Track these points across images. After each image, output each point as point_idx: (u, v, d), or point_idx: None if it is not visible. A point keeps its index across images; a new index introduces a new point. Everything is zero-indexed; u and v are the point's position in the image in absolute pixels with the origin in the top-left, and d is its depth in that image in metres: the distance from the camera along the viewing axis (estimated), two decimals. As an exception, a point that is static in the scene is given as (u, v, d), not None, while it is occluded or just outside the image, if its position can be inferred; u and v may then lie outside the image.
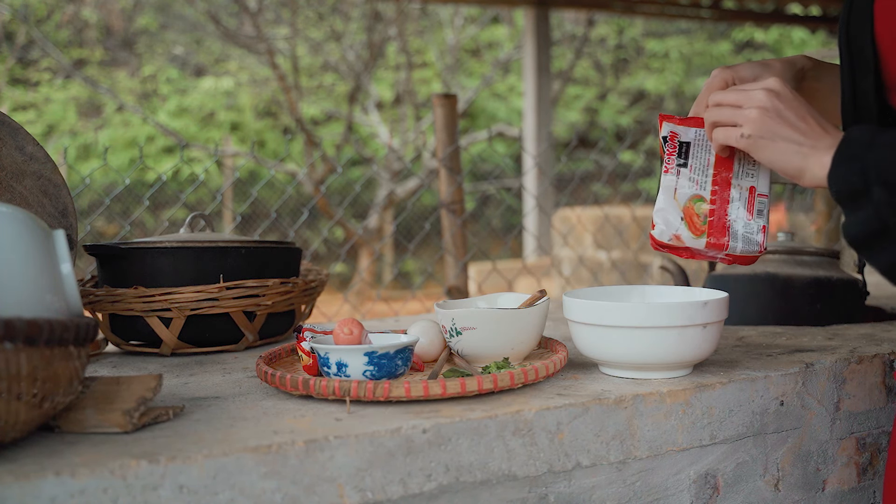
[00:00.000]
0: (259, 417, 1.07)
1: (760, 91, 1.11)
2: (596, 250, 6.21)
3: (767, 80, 1.12)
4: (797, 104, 1.11)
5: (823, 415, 1.32)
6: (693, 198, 1.23)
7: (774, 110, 1.10)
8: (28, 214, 1.01)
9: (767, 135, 1.10)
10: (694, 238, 1.22)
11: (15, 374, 0.86)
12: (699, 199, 1.23)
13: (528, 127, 8.16)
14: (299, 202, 9.21)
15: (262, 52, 8.79)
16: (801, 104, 1.11)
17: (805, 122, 1.09)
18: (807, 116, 1.10)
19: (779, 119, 1.10)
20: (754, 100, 1.11)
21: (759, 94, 1.11)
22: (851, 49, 1.14)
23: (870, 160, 1.01)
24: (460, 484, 1.06)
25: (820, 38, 11.96)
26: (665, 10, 8.54)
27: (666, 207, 1.22)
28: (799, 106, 1.11)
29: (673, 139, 1.24)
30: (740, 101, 1.13)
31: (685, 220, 1.22)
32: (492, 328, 1.24)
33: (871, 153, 1.02)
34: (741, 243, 1.22)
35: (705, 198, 1.22)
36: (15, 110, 10.02)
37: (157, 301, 1.42)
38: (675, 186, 1.23)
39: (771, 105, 1.10)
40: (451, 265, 2.77)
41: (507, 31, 11.36)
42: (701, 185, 1.22)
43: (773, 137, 1.10)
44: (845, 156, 1.04)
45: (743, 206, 1.22)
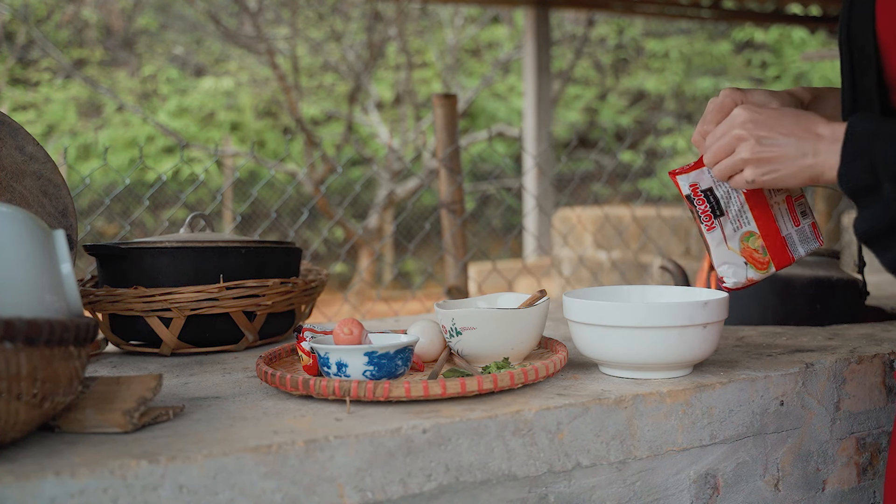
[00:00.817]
0: (259, 417, 1.07)
1: (737, 109, 1.12)
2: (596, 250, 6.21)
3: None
4: (774, 113, 1.11)
5: (823, 415, 1.32)
6: (744, 236, 1.23)
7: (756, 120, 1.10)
8: (28, 214, 1.01)
9: (764, 160, 1.10)
10: (762, 273, 1.24)
11: (15, 374, 0.86)
12: (750, 236, 1.24)
13: (528, 127, 8.16)
14: (299, 202, 9.21)
15: (262, 52, 8.79)
16: (778, 113, 1.11)
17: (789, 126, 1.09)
18: (790, 121, 1.10)
19: (766, 139, 1.10)
20: (735, 119, 1.12)
21: (737, 110, 1.12)
22: (852, 47, 1.13)
23: (878, 154, 1.01)
24: (460, 484, 1.06)
25: (820, 38, 11.95)
26: (665, 10, 8.54)
27: (728, 260, 1.24)
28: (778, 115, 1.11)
29: (696, 193, 1.23)
30: (724, 128, 1.14)
31: (749, 262, 1.23)
32: (492, 328, 1.24)
33: (878, 146, 1.02)
34: (801, 247, 1.25)
35: (754, 231, 1.23)
36: (15, 110, 10.02)
37: (157, 301, 1.42)
38: (724, 237, 1.24)
39: (750, 116, 1.11)
40: (451, 265, 2.77)
41: (507, 31, 11.36)
42: (744, 222, 1.23)
43: (770, 160, 1.09)
44: (853, 152, 1.04)
45: (788, 217, 1.25)
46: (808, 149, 1.08)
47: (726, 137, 1.13)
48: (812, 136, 1.08)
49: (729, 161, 1.13)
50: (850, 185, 1.04)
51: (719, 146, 1.14)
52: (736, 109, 1.13)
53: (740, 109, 1.12)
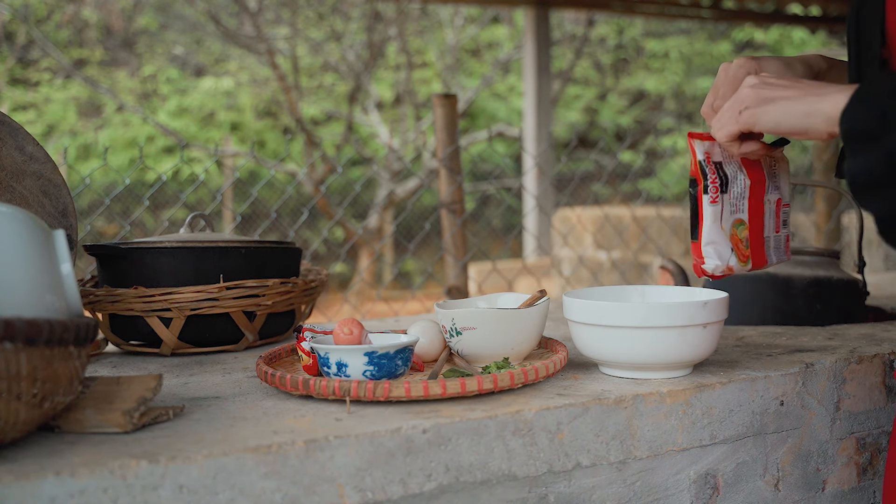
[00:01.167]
0: (259, 417, 1.07)
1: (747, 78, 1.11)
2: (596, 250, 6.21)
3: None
4: (788, 76, 1.10)
5: (823, 415, 1.32)
6: (735, 223, 1.21)
7: (764, 82, 1.09)
8: (28, 214, 1.01)
9: (766, 99, 1.08)
10: (742, 265, 1.20)
11: (15, 374, 0.86)
12: (740, 224, 1.21)
13: (528, 127, 8.16)
14: (299, 202, 9.21)
15: (262, 52, 8.79)
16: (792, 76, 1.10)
17: (801, 82, 1.08)
18: (801, 80, 1.09)
19: (773, 85, 1.08)
20: (743, 85, 1.11)
21: (747, 80, 1.10)
22: (860, 43, 1.13)
23: (891, 104, 0.97)
24: (460, 484, 1.06)
25: (820, 38, 11.95)
26: (665, 10, 8.54)
27: (717, 240, 1.19)
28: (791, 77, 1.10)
29: (710, 161, 1.19)
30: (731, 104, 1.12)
31: (734, 250, 1.20)
32: (492, 328, 1.24)
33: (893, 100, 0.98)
34: (774, 256, 1.23)
35: (744, 221, 1.21)
36: (15, 110, 10.02)
37: (157, 301, 1.42)
38: (721, 215, 1.19)
39: (759, 80, 1.09)
40: (451, 265, 2.77)
41: (507, 31, 11.36)
42: (740, 208, 1.20)
43: (773, 99, 1.08)
44: (865, 96, 1.00)
45: (772, 220, 1.23)
46: (811, 92, 1.06)
47: (734, 107, 1.11)
48: (820, 86, 1.06)
49: (728, 105, 1.11)
50: (852, 126, 1.00)
51: (726, 116, 1.12)
52: (747, 79, 1.10)
53: (751, 77, 1.10)
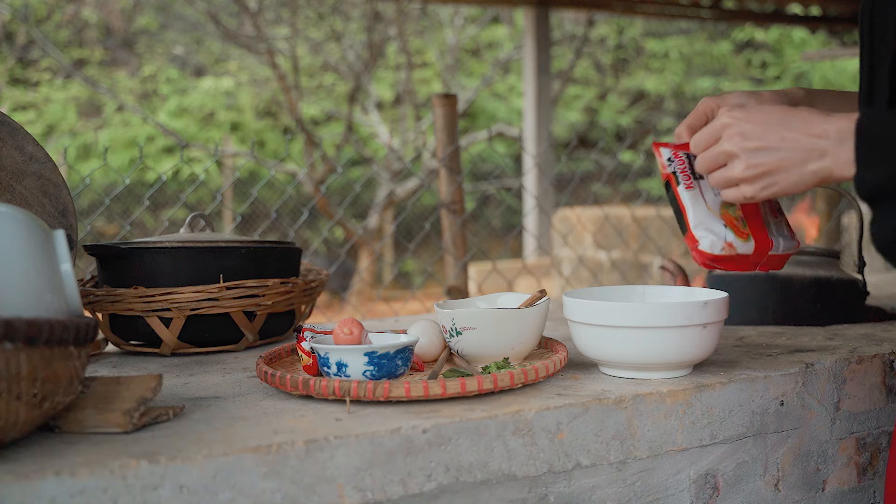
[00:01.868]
0: (259, 417, 1.07)
1: (722, 116, 1.04)
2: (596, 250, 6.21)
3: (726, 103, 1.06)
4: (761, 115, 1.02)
5: (823, 415, 1.32)
6: (724, 204, 1.15)
7: (750, 149, 1.01)
8: (28, 214, 1.01)
9: (763, 174, 1.02)
10: (743, 242, 1.14)
11: (15, 374, 0.86)
12: (730, 205, 1.16)
13: (528, 127, 8.16)
14: (299, 202, 9.21)
15: (262, 52, 8.79)
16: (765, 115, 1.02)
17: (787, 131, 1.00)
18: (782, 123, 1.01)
19: (762, 150, 1.01)
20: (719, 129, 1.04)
21: (722, 118, 1.04)
22: (873, 37, 1.13)
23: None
24: (460, 484, 1.06)
25: (820, 38, 11.95)
26: (665, 10, 8.54)
27: (705, 219, 1.14)
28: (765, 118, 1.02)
29: (677, 155, 1.17)
30: (709, 137, 1.06)
31: (729, 227, 1.14)
32: (492, 328, 1.24)
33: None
34: (781, 241, 1.18)
35: (734, 204, 1.15)
36: (15, 110, 10.02)
37: (157, 301, 1.42)
38: (703, 197, 1.15)
39: (743, 146, 1.01)
40: (451, 265, 2.77)
41: (507, 31, 11.36)
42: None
43: (770, 172, 1.01)
44: (870, 159, 0.96)
45: (767, 205, 1.20)
46: (810, 153, 1.00)
47: (714, 151, 1.06)
48: (812, 136, 1.00)
49: (722, 176, 1.06)
50: (870, 192, 0.96)
51: (708, 158, 1.07)
52: (720, 114, 1.05)
53: (724, 116, 1.04)
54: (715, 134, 1.06)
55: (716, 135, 1.06)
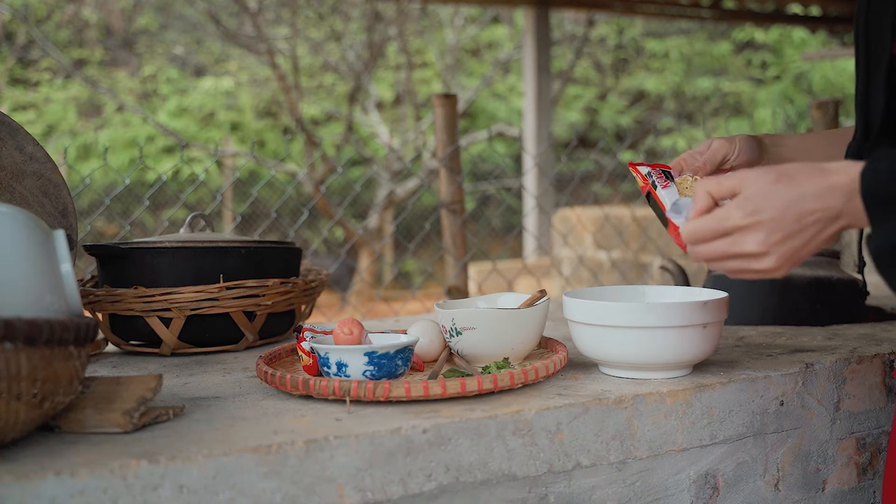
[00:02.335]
0: (259, 417, 1.07)
1: (734, 216, 0.99)
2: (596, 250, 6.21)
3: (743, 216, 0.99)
4: (772, 195, 0.97)
5: (823, 415, 1.32)
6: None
7: (775, 242, 0.98)
8: (28, 214, 1.01)
9: (793, 259, 0.99)
10: None
11: (15, 374, 0.86)
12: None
13: (528, 127, 8.16)
14: (299, 202, 9.21)
15: (262, 52, 8.79)
16: (775, 193, 0.97)
17: (801, 208, 0.96)
18: (796, 203, 0.96)
19: (784, 238, 0.97)
20: (729, 227, 0.99)
21: (734, 219, 0.99)
22: (869, 41, 1.13)
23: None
24: (460, 484, 1.06)
25: (820, 38, 11.95)
26: (665, 10, 8.54)
27: (683, 205, 1.18)
28: (776, 195, 0.97)
29: (655, 170, 1.26)
30: (731, 250, 1.00)
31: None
32: (492, 328, 1.24)
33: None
34: None
35: None
36: (15, 110, 10.02)
37: (157, 301, 1.42)
38: (678, 189, 1.23)
39: (767, 242, 0.97)
40: (451, 265, 2.77)
41: (507, 31, 11.36)
42: None
43: (796, 250, 0.98)
44: (881, 218, 0.94)
45: None
46: (826, 221, 0.97)
47: (735, 251, 1.00)
48: (824, 206, 0.96)
49: (751, 269, 1.01)
50: (882, 254, 0.95)
51: (733, 261, 1.01)
52: (731, 215, 0.98)
53: (737, 217, 0.98)
54: (725, 232, 1.01)
55: (726, 232, 1.01)
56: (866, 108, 1.14)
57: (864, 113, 1.15)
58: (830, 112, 3.25)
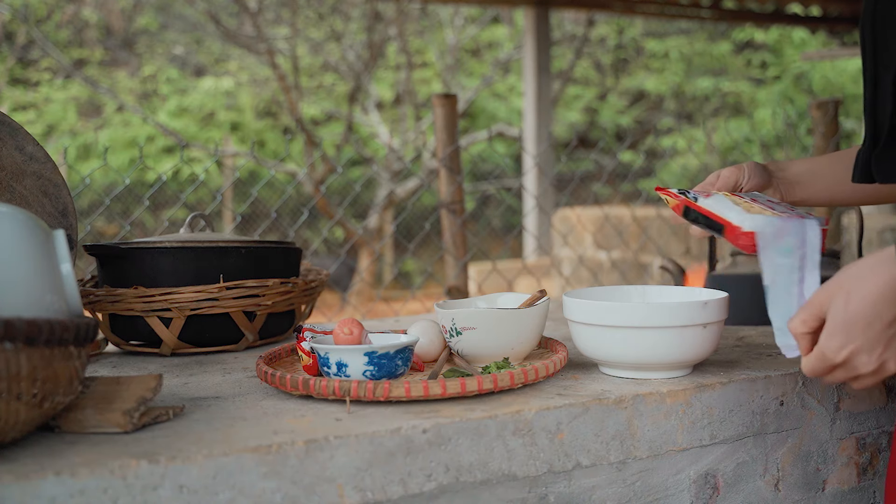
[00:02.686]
0: (259, 417, 1.07)
1: (828, 349, 1.02)
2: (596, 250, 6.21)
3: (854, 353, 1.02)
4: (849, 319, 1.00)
5: (823, 415, 1.32)
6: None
7: (851, 352, 1.01)
8: (28, 214, 1.01)
9: (881, 357, 1.01)
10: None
11: (15, 374, 0.86)
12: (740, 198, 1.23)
13: (528, 127, 8.16)
14: (299, 202, 9.21)
15: (262, 52, 8.79)
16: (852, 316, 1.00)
17: (878, 320, 0.99)
18: (873, 318, 0.99)
19: (864, 348, 1.01)
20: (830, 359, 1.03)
21: (828, 353, 1.02)
22: (877, 49, 1.13)
23: None
24: (460, 484, 1.06)
25: (820, 38, 11.95)
26: (665, 10, 8.54)
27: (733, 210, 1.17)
28: (853, 319, 1.00)
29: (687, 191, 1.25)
30: (850, 376, 1.04)
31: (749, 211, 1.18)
32: (492, 328, 1.24)
33: None
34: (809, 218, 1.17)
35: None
36: (15, 110, 10.02)
37: (157, 301, 1.42)
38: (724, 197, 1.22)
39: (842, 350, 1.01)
40: (451, 265, 2.77)
41: (507, 31, 11.36)
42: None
43: (881, 349, 1.01)
44: None
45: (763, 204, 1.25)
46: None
47: (840, 377, 1.05)
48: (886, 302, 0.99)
49: (855, 381, 1.05)
50: None
51: (837, 380, 1.06)
52: (825, 350, 1.02)
53: (829, 350, 1.01)
54: (834, 366, 1.05)
55: (835, 366, 1.05)
56: (874, 117, 1.14)
57: (872, 121, 1.15)
58: (830, 112, 3.26)
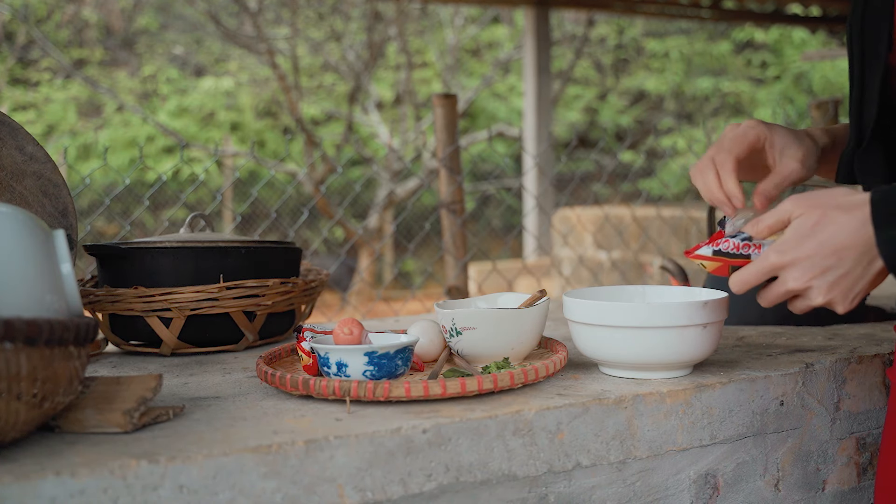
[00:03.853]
0: (259, 417, 1.07)
1: (771, 255, 1.03)
2: (596, 250, 6.21)
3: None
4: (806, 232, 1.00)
5: (823, 415, 1.32)
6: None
7: (816, 277, 1.01)
8: (28, 214, 1.01)
9: (845, 294, 1.02)
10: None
11: (15, 374, 0.86)
12: None
13: (528, 127, 8.16)
14: (299, 202, 9.21)
15: (262, 52, 8.79)
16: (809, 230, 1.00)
17: (835, 242, 0.99)
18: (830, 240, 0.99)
19: (835, 280, 1.00)
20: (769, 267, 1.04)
21: (771, 259, 1.03)
22: (864, 45, 1.13)
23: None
24: (460, 484, 1.06)
25: (820, 38, 11.95)
26: (665, 10, 8.54)
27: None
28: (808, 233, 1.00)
29: (718, 243, 1.16)
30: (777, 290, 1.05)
31: None
32: (492, 328, 1.24)
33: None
34: None
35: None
36: (15, 110, 10.02)
37: (157, 301, 1.42)
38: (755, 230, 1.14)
39: (790, 259, 1.01)
40: (451, 265, 2.77)
41: (507, 31, 11.36)
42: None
43: (852, 289, 1.02)
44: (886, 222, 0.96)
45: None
46: (867, 255, 0.99)
47: (781, 290, 1.04)
48: (861, 241, 0.99)
49: (804, 305, 1.05)
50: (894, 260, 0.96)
51: (779, 297, 1.06)
52: (770, 257, 1.03)
53: (773, 256, 1.02)
54: (766, 274, 1.05)
55: (772, 273, 1.05)
56: (860, 116, 1.14)
57: (858, 120, 1.15)
58: (830, 112, 3.26)
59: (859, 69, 1.14)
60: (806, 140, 1.18)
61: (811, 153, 1.19)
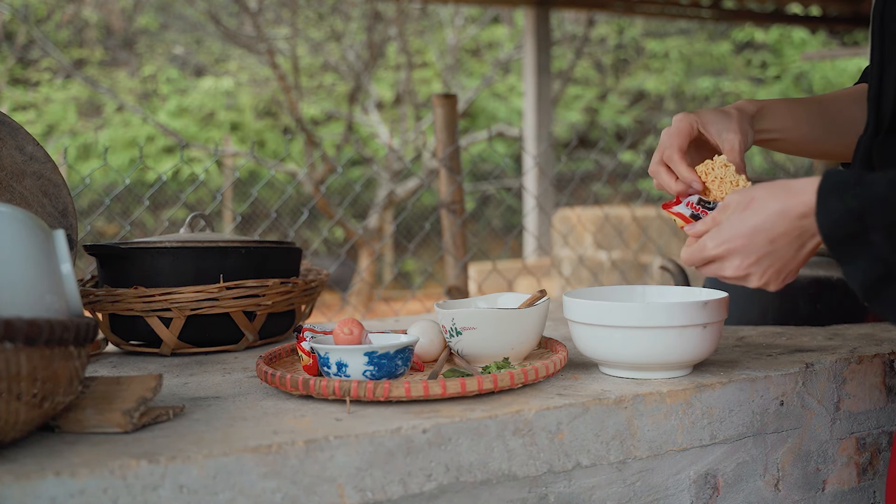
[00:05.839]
0: (259, 417, 1.07)
1: (708, 246, 1.08)
2: (596, 250, 6.21)
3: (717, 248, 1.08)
4: (741, 223, 1.05)
5: (823, 415, 1.32)
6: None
7: (738, 257, 1.06)
8: (28, 214, 1.01)
9: (779, 273, 1.07)
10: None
11: (15, 374, 0.86)
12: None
13: (528, 127, 8.16)
14: (299, 202, 9.21)
15: (262, 52, 8.79)
16: (743, 222, 1.05)
17: (770, 230, 1.03)
18: (764, 227, 1.03)
19: (749, 251, 1.05)
20: (706, 257, 1.09)
21: (708, 250, 1.08)
22: (885, 36, 1.13)
23: (860, 199, 0.95)
24: (460, 484, 1.06)
25: (820, 37, 11.95)
26: (665, 10, 8.54)
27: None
28: (743, 223, 1.05)
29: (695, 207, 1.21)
30: (718, 274, 1.10)
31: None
32: (492, 328, 1.24)
33: (859, 191, 0.95)
34: None
35: None
36: (15, 110, 10.02)
37: (157, 301, 1.42)
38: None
39: (726, 250, 1.07)
40: (451, 265, 2.77)
41: (507, 31, 11.36)
42: None
43: (785, 268, 1.06)
44: (828, 194, 0.98)
45: None
46: (800, 239, 1.04)
47: (718, 274, 1.10)
48: (794, 227, 1.03)
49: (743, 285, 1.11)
50: (830, 229, 0.98)
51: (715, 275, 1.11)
52: (707, 246, 1.08)
53: (711, 247, 1.08)
54: (707, 260, 1.11)
55: (708, 261, 1.11)
56: (878, 105, 1.15)
57: (876, 109, 1.16)
58: (830, 112, 3.25)
59: (878, 60, 1.14)
60: (733, 112, 1.24)
61: (744, 120, 1.24)
